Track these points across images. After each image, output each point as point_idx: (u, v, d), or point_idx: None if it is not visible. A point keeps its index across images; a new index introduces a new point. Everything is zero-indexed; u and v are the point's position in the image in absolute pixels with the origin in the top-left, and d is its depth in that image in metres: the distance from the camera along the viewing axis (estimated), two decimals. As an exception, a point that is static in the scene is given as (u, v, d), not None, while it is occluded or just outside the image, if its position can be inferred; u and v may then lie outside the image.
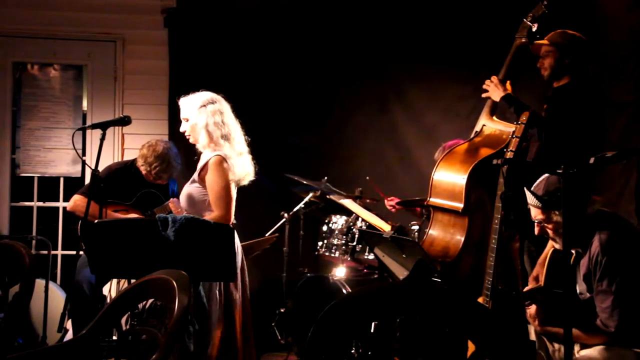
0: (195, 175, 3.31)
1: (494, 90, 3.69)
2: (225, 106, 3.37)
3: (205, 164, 3.27)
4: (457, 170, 3.47)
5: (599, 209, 2.72)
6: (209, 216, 3.19)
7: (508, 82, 3.70)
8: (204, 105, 3.31)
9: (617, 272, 2.56)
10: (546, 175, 2.74)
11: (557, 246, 2.79)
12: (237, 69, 5.32)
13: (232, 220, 3.36)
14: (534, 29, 3.61)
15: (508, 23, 4.85)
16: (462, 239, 3.36)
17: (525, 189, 2.73)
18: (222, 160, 3.23)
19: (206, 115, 3.29)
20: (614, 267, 2.57)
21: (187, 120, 3.35)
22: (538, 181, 2.75)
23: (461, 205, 3.36)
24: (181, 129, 3.40)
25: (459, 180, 3.42)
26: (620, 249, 2.60)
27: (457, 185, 3.42)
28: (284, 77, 5.42)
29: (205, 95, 3.36)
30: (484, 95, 3.75)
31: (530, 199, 2.71)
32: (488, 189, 3.20)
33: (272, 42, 5.43)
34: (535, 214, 2.74)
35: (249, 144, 3.46)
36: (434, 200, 3.55)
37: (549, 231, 2.73)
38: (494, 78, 3.72)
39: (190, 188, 3.31)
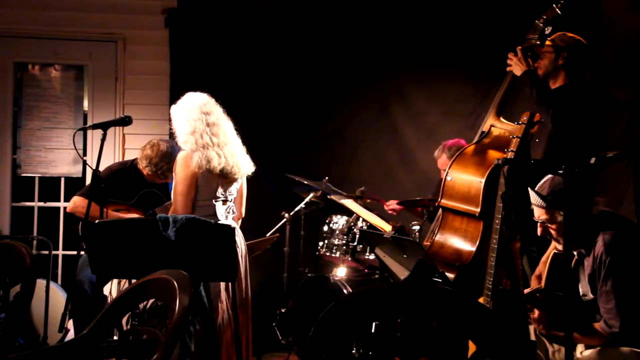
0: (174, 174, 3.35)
1: (517, 64, 3.61)
2: (191, 103, 3.36)
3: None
4: (472, 173, 3.44)
5: (602, 210, 2.70)
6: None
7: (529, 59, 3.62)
8: (178, 111, 3.36)
9: (622, 272, 2.55)
10: (551, 175, 2.73)
11: (560, 247, 2.78)
12: (238, 69, 5.33)
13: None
14: (547, 32, 3.57)
15: (508, 22, 4.87)
16: (477, 242, 3.34)
17: (529, 189, 2.72)
18: (184, 156, 3.25)
19: (178, 119, 3.34)
20: (618, 267, 2.56)
21: None
22: (542, 181, 2.73)
23: (478, 209, 3.33)
24: None
25: (475, 183, 3.38)
26: (624, 249, 2.59)
27: (473, 188, 3.38)
28: (285, 78, 5.42)
29: (180, 100, 3.39)
30: (508, 69, 3.68)
31: (534, 199, 2.69)
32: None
33: (274, 42, 5.43)
34: (539, 214, 2.72)
35: (250, 144, 3.46)
36: (446, 202, 3.52)
37: (553, 232, 2.72)
38: (519, 50, 3.61)
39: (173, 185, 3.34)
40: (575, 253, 2.77)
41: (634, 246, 2.62)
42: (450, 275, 3.30)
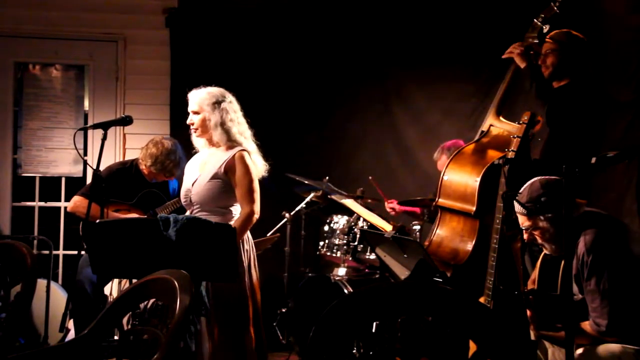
0: (219, 170, 3.24)
1: (522, 59, 3.61)
2: (236, 104, 3.37)
3: (232, 159, 3.24)
4: (468, 172, 3.45)
5: (585, 210, 2.72)
6: (242, 212, 3.21)
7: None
8: (218, 102, 3.29)
9: (603, 270, 2.57)
10: (530, 181, 2.75)
11: (547, 251, 2.79)
12: (238, 69, 5.32)
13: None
14: (545, 30, 3.58)
15: (509, 22, 4.86)
16: (473, 241, 3.35)
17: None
18: (247, 155, 3.26)
19: (221, 112, 3.27)
20: (600, 265, 2.57)
21: (197, 113, 3.31)
22: (522, 188, 2.76)
23: (473, 208, 3.34)
24: (188, 121, 3.34)
25: (471, 182, 3.39)
26: (604, 246, 2.60)
27: (469, 187, 3.40)
28: (286, 77, 5.42)
29: (218, 92, 3.33)
30: (504, 56, 3.69)
31: (516, 207, 2.72)
32: (497, 192, 3.18)
33: (274, 42, 5.43)
34: (522, 221, 2.75)
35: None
36: (443, 201, 3.52)
37: (537, 237, 2.74)
38: (523, 45, 3.63)
39: (212, 183, 3.24)
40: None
41: (615, 243, 2.63)
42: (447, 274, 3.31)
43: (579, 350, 2.64)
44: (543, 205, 2.65)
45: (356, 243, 4.49)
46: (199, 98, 3.31)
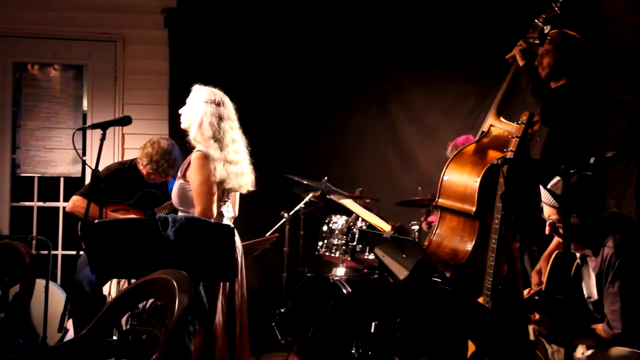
0: (180, 172, 3.27)
1: (521, 57, 3.65)
2: (229, 113, 3.30)
3: (188, 160, 3.22)
4: (469, 172, 3.45)
5: (614, 212, 2.69)
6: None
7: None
8: (207, 102, 3.26)
9: (629, 275, 2.55)
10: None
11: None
12: (237, 69, 5.33)
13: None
14: (546, 31, 3.58)
15: (508, 22, 4.86)
16: (473, 242, 3.35)
17: (541, 187, 2.69)
18: (203, 156, 3.15)
19: (204, 112, 3.23)
20: (627, 270, 2.55)
21: (190, 105, 3.30)
22: (555, 180, 2.71)
23: (473, 208, 3.34)
24: (180, 110, 3.35)
25: (471, 182, 3.40)
26: (633, 253, 2.58)
27: (469, 187, 3.40)
28: (285, 78, 5.42)
29: (216, 94, 3.31)
30: (508, 56, 3.73)
31: (547, 197, 2.67)
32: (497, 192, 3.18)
33: (273, 42, 5.43)
34: (550, 213, 2.70)
35: (249, 144, 3.44)
36: (443, 201, 3.53)
37: (562, 232, 2.70)
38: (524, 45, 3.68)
39: (177, 184, 3.27)
40: (577, 255, 2.76)
41: None
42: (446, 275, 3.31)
43: (588, 352, 2.64)
44: (578, 202, 2.61)
45: (355, 243, 4.48)
46: (198, 91, 3.31)
